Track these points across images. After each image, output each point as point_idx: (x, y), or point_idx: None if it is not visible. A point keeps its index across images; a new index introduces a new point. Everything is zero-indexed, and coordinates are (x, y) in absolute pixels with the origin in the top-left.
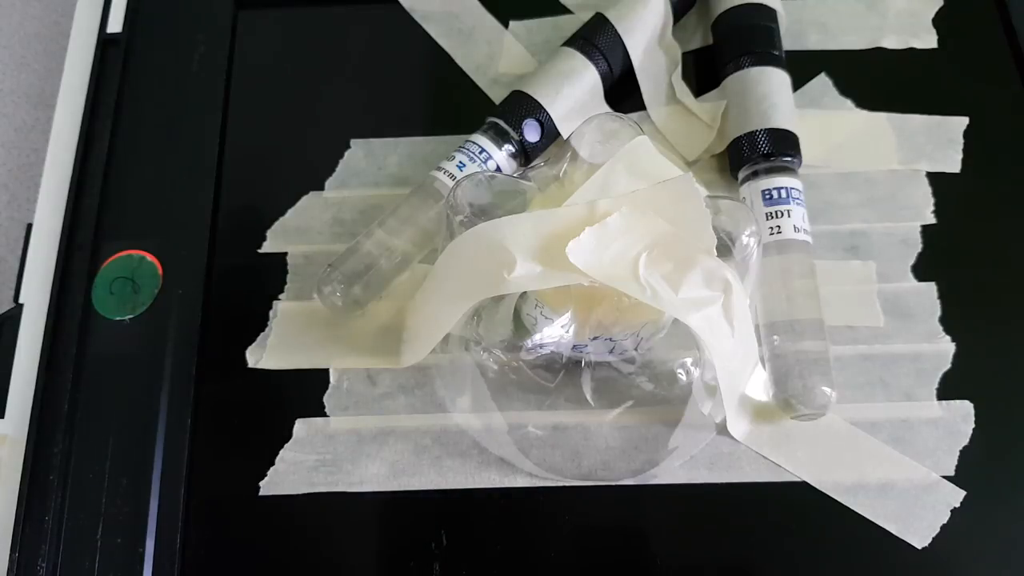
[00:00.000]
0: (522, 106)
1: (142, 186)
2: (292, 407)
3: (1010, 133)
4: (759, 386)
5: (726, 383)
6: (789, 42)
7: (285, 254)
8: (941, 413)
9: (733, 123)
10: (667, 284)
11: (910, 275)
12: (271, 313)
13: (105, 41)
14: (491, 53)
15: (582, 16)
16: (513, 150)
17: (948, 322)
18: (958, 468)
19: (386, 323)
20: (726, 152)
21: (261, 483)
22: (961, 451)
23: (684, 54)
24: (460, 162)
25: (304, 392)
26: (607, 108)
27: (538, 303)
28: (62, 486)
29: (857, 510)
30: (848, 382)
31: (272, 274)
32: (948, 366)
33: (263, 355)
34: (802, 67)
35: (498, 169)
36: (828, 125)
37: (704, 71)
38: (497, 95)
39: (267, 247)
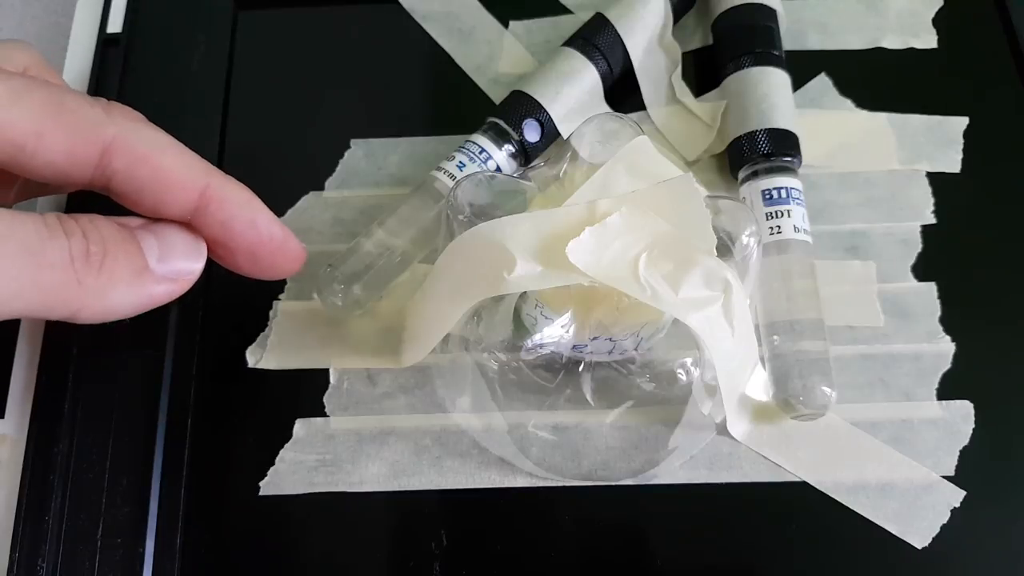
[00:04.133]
0: (522, 106)
1: None
2: (292, 407)
3: (1010, 133)
4: (759, 386)
5: (726, 383)
6: (789, 42)
7: None
8: (941, 413)
9: (733, 123)
10: (667, 284)
11: (910, 275)
12: (271, 313)
13: (105, 41)
14: (491, 53)
15: (582, 16)
16: (513, 150)
17: (948, 322)
18: (958, 468)
19: (386, 323)
20: (726, 152)
21: (261, 483)
22: (961, 451)
23: (684, 54)
24: (460, 162)
25: (304, 392)
26: (607, 108)
27: (538, 303)
28: (62, 486)
29: (857, 510)
30: (848, 382)
31: None
32: (948, 366)
33: (263, 355)
34: (802, 67)
35: (498, 169)
36: (828, 125)
37: (704, 71)
38: (497, 95)
39: None
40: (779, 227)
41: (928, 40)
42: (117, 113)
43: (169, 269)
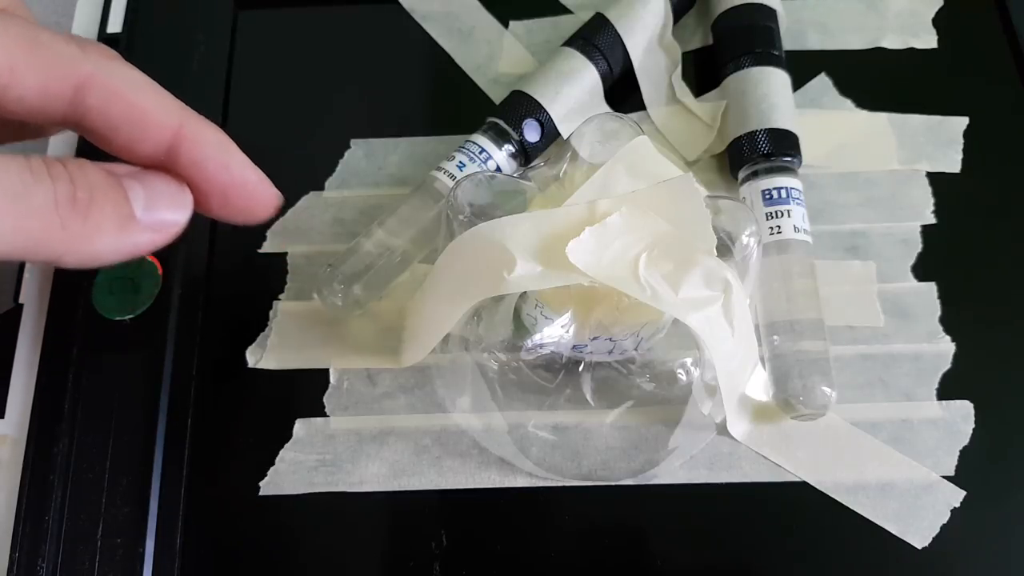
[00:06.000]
0: (522, 106)
1: None
2: (292, 407)
3: (1010, 133)
4: (759, 386)
5: (726, 383)
6: (789, 42)
7: (285, 254)
8: (941, 413)
9: (733, 123)
10: (667, 284)
11: (910, 275)
12: (271, 313)
13: (105, 41)
14: (491, 53)
15: (582, 16)
16: (513, 150)
17: (948, 322)
18: (958, 468)
19: (386, 323)
20: (726, 152)
21: (261, 483)
22: (961, 451)
23: (684, 54)
24: (460, 162)
25: (304, 392)
26: (607, 108)
27: (538, 303)
28: (62, 486)
29: (857, 510)
30: (848, 382)
31: (272, 274)
32: (948, 366)
33: (263, 355)
34: (802, 67)
35: (498, 169)
36: (828, 125)
37: (704, 71)
38: (497, 95)
39: (267, 247)
40: (779, 227)
41: (928, 40)
42: (92, 50)
43: (154, 219)
